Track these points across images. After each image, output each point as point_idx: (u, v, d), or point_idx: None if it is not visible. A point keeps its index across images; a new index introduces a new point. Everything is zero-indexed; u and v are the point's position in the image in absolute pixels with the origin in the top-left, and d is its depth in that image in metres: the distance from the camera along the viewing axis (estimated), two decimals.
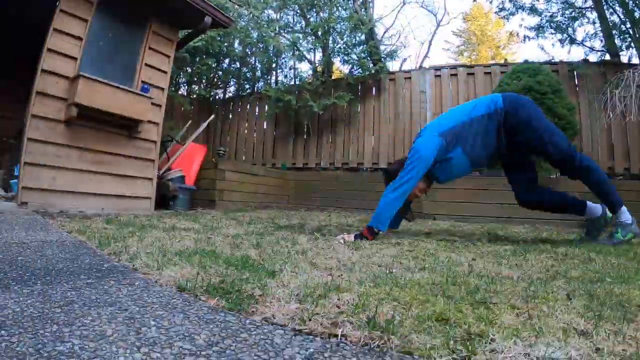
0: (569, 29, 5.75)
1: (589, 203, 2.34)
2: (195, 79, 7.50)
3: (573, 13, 5.78)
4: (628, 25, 5.15)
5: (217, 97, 8.06)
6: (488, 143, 2.31)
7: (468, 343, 0.72)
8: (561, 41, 5.76)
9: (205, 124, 5.17)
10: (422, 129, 2.48)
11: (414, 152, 2.32)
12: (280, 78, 7.86)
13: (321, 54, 7.08)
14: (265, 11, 7.02)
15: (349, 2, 6.95)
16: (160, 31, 3.89)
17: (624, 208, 2.23)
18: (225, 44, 7.05)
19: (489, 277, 1.26)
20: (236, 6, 6.84)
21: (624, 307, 0.95)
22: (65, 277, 1.14)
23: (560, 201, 2.43)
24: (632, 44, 5.10)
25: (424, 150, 2.29)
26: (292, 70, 7.81)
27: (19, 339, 0.69)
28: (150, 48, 3.80)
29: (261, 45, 7.03)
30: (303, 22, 7.09)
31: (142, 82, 3.72)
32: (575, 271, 1.42)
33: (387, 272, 1.33)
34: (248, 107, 7.24)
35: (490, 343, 0.72)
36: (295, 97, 6.26)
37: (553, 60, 5.32)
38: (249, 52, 7.56)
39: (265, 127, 7.13)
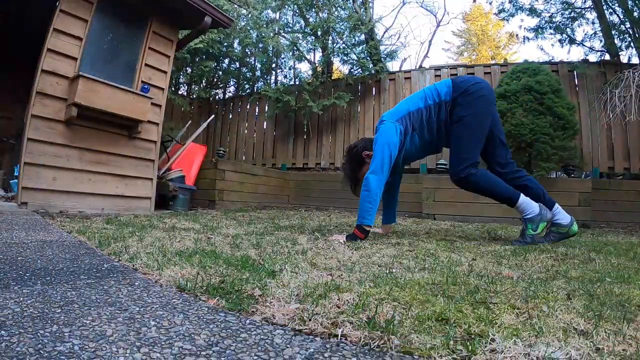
0: (568, 29, 5.74)
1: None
2: (195, 80, 7.50)
3: (572, 13, 5.77)
4: (628, 25, 5.15)
5: (217, 97, 8.05)
6: (437, 129, 2.34)
7: (468, 343, 0.72)
8: (561, 41, 5.75)
9: (205, 124, 5.17)
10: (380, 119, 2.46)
11: (378, 141, 2.31)
12: (280, 78, 7.87)
13: (321, 54, 7.08)
14: (265, 11, 7.01)
15: (348, 2, 6.94)
16: (160, 31, 3.89)
17: (521, 199, 2.15)
18: (225, 44, 7.04)
19: (489, 277, 1.26)
20: (235, 6, 6.83)
21: (624, 307, 0.95)
22: (65, 277, 1.14)
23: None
24: (632, 44, 5.09)
25: (387, 137, 2.28)
26: (292, 70, 7.81)
27: (19, 339, 0.69)
28: (150, 48, 3.80)
29: (261, 46, 7.03)
30: (302, 22, 7.09)
31: (142, 82, 3.72)
32: (575, 271, 1.42)
33: (387, 272, 1.33)
34: (248, 107, 7.23)
35: (490, 343, 0.72)
36: (294, 98, 6.25)
37: (553, 60, 5.32)
38: (249, 52, 7.56)
39: (265, 127, 7.13)
